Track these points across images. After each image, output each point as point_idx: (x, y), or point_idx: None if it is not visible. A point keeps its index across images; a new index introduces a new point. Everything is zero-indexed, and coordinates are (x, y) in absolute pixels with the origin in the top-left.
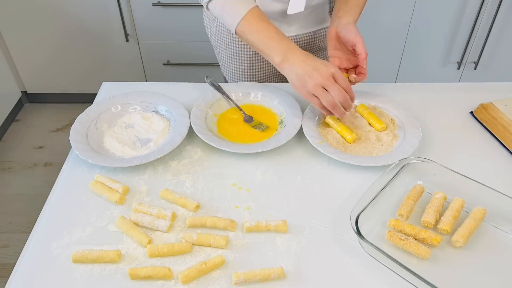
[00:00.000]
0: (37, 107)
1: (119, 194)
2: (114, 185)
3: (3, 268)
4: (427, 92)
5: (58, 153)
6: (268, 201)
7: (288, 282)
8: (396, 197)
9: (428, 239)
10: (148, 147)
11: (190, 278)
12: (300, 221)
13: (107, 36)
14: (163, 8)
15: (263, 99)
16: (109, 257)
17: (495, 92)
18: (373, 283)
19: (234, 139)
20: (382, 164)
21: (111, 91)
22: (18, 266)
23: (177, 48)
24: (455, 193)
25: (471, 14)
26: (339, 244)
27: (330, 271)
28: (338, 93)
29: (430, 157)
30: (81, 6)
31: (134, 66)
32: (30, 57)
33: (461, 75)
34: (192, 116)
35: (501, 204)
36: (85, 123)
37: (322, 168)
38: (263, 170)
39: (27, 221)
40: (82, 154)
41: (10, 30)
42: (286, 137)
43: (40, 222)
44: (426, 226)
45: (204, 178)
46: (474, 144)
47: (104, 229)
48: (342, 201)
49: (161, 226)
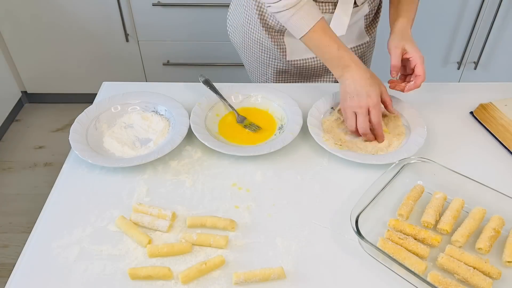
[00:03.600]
0: (37, 107)
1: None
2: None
3: (3, 268)
4: (427, 92)
5: (58, 153)
6: (268, 201)
7: (288, 282)
8: (396, 197)
9: (428, 239)
10: (148, 147)
11: (190, 278)
12: (300, 221)
13: (107, 36)
14: (163, 8)
15: (263, 101)
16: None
17: (495, 92)
18: (373, 283)
19: (234, 140)
20: (386, 162)
21: (111, 91)
22: (18, 266)
23: (177, 48)
24: (455, 193)
25: (471, 14)
26: (339, 244)
27: (330, 271)
28: (361, 125)
29: (430, 157)
30: (81, 6)
31: (134, 66)
32: (30, 57)
33: (461, 75)
34: (192, 115)
35: (501, 204)
36: (85, 123)
37: (322, 168)
38: (263, 170)
39: (27, 221)
40: (82, 154)
41: (10, 30)
42: (282, 143)
43: (40, 222)
44: (426, 226)
45: (204, 178)
46: (474, 144)
47: (104, 229)
48: (342, 201)
49: (161, 226)
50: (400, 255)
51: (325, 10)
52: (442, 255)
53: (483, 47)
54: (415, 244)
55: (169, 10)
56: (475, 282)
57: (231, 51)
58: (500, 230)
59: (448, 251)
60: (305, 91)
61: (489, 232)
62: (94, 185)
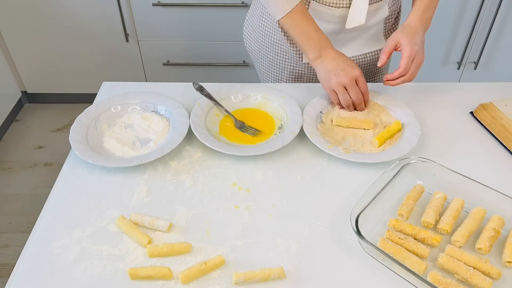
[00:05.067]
0: (37, 107)
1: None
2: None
3: (3, 268)
4: (427, 92)
5: (58, 153)
6: (268, 201)
7: (288, 282)
8: (396, 197)
9: (428, 239)
10: (148, 147)
11: (190, 278)
12: (300, 221)
13: (107, 36)
14: (163, 8)
15: (263, 101)
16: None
17: (495, 92)
18: (373, 283)
19: (234, 140)
20: (379, 161)
21: (111, 91)
22: (18, 266)
23: (177, 48)
24: (455, 193)
25: (471, 14)
26: (339, 244)
27: (330, 271)
28: (355, 95)
29: (430, 157)
30: (81, 6)
31: (134, 66)
32: (30, 57)
33: (461, 75)
34: (192, 115)
35: (501, 204)
36: (85, 123)
37: (322, 168)
38: (263, 170)
39: (27, 221)
40: (82, 154)
41: (10, 30)
42: (282, 143)
43: (40, 222)
44: (426, 226)
45: (204, 178)
46: (474, 144)
47: (104, 229)
48: (342, 201)
49: (161, 226)
50: (400, 255)
51: (341, 5)
52: (442, 255)
53: (483, 47)
54: (415, 244)
55: (169, 10)
56: (475, 282)
57: (231, 51)
58: (500, 230)
59: (448, 251)
60: (305, 91)
61: (489, 232)
62: (94, 185)
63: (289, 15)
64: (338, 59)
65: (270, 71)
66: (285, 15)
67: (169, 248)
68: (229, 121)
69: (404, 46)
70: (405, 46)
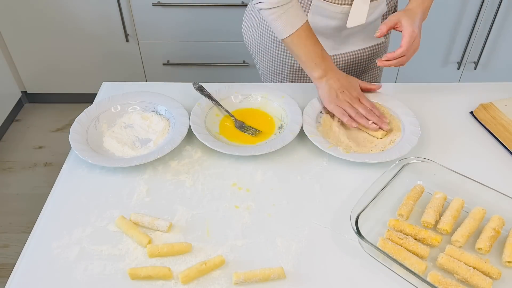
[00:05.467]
0: (37, 107)
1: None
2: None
3: (3, 268)
4: (427, 92)
5: (58, 153)
6: (268, 201)
7: (288, 282)
8: (396, 197)
9: (428, 239)
10: (148, 147)
11: (190, 278)
12: (300, 221)
13: (107, 36)
14: (163, 8)
15: (263, 101)
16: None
17: (495, 92)
18: (373, 283)
19: (234, 140)
20: (379, 161)
21: (111, 91)
22: (18, 266)
23: (177, 48)
24: (455, 193)
25: (471, 14)
26: (339, 244)
27: (330, 271)
28: (363, 109)
29: (430, 157)
30: (81, 6)
31: (134, 66)
32: (30, 57)
33: (461, 75)
34: (192, 115)
35: (501, 204)
36: (85, 123)
37: (322, 168)
38: (263, 170)
39: (27, 221)
40: (82, 154)
41: (10, 30)
42: (282, 143)
43: (40, 222)
44: (426, 226)
45: (204, 178)
46: (474, 144)
47: (104, 229)
48: (342, 201)
49: (161, 226)
50: (400, 255)
51: (343, 1)
52: (442, 255)
53: (483, 47)
54: (415, 244)
55: (169, 10)
56: (475, 282)
57: (232, 51)
58: (500, 230)
59: (448, 251)
60: (305, 91)
61: (489, 232)
62: (94, 185)
63: (296, 33)
64: (342, 80)
65: (270, 67)
66: (293, 33)
67: (169, 248)
68: (229, 121)
69: (406, 27)
70: (407, 26)
